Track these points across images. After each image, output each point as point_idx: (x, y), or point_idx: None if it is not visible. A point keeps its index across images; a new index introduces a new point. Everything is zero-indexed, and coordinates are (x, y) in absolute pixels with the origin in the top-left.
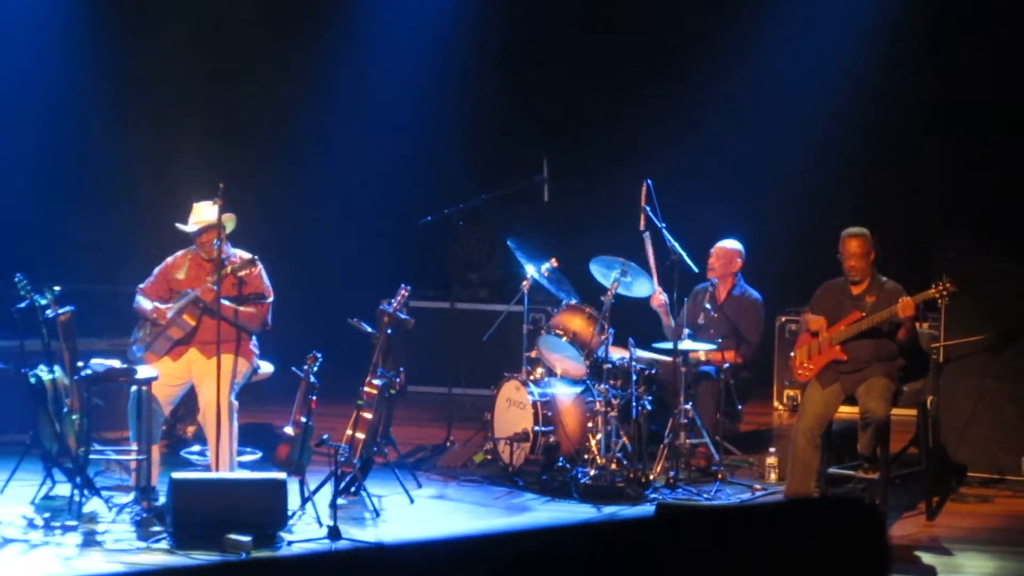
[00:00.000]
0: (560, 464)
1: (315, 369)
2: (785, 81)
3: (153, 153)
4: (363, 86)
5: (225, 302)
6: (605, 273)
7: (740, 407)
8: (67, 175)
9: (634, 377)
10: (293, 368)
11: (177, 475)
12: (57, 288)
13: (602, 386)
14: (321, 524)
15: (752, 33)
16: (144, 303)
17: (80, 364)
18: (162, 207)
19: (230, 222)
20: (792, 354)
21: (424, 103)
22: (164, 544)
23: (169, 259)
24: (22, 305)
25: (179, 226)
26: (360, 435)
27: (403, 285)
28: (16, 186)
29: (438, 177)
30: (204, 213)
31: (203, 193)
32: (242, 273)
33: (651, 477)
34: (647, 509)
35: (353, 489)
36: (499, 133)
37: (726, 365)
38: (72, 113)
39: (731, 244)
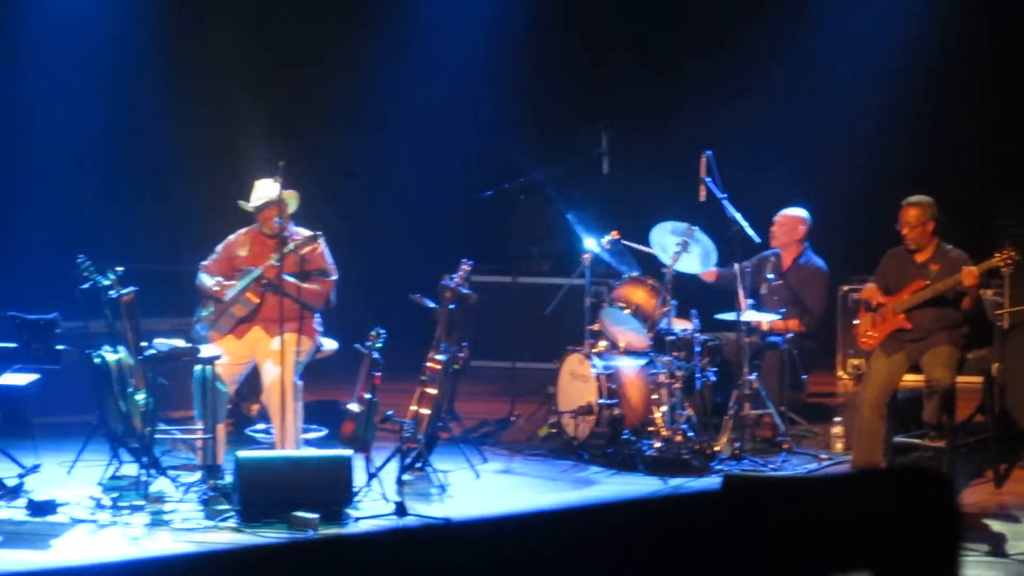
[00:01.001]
0: (625, 437)
1: (378, 345)
2: (847, 45)
3: (215, 132)
4: (423, 60)
5: (289, 279)
6: (666, 244)
7: (804, 377)
8: (129, 156)
9: (697, 348)
10: (356, 345)
11: (243, 454)
12: (120, 269)
13: (666, 358)
14: (387, 500)
15: None
16: (206, 280)
17: (144, 344)
18: (224, 186)
19: (293, 199)
20: (856, 323)
21: (483, 78)
22: (231, 523)
23: (232, 236)
24: (85, 286)
25: (241, 204)
26: (425, 411)
27: (465, 260)
28: (78, 168)
29: (498, 151)
30: (266, 190)
31: (265, 171)
32: (304, 250)
33: (716, 449)
34: (713, 481)
35: (419, 465)
36: (558, 107)
37: (790, 335)
38: (133, 94)
39: (794, 212)
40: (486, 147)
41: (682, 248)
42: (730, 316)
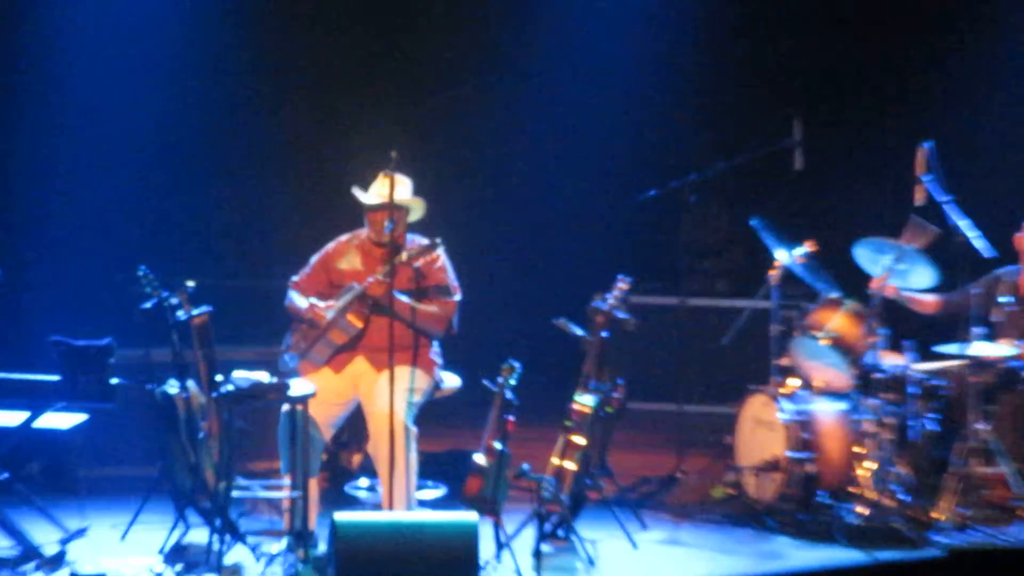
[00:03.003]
0: (820, 500)
1: (512, 382)
2: None
3: (313, 119)
4: (574, 38)
5: (402, 298)
6: (874, 259)
7: None
8: (202, 148)
9: (913, 389)
10: (485, 381)
11: (341, 516)
12: (191, 283)
13: (873, 401)
14: None
15: None
16: (298, 300)
17: (219, 378)
18: (322, 187)
19: (418, 207)
20: None
21: (649, 52)
22: None
23: (330, 245)
24: (148, 305)
25: (356, 192)
26: (569, 465)
27: (621, 276)
28: (140, 164)
29: (665, 141)
30: (386, 189)
31: (381, 163)
32: (420, 263)
33: (936, 516)
34: (930, 554)
35: (561, 532)
36: (740, 88)
37: None
38: (209, 73)
39: None
40: (650, 138)
41: (893, 267)
42: (954, 348)
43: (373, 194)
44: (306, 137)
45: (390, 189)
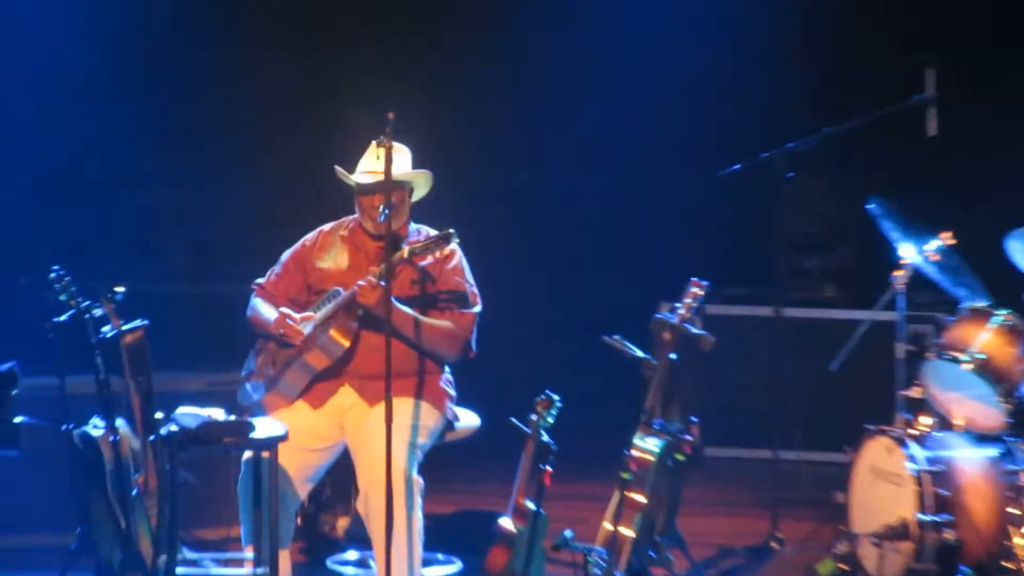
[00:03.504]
0: None
1: (550, 421)
2: None
3: (285, 78)
4: None
5: (403, 308)
6: None
7: None
8: (139, 113)
9: None
10: (512, 419)
11: None
12: (120, 289)
13: None
14: None
15: None
16: (264, 310)
17: (159, 416)
18: (297, 161)
19: (422, 182)
20: None
21: None
22: None
23: (308, 238)
24: (63, 318)
25: (340, 172)
26: (626, 531)
27: (695, 279)
28: (56, 134)
29: (752, 99)
30: (380, 162)
31: (371, 130)
32: (428, 261)
33: None
34: None
35: None
36: (855, 29)
37: None
38: (150, 26)
39: None
40: (734, 94)
41: None
42: None
43: (362, 170)
44: (277, 95)
45: (386, 162)
